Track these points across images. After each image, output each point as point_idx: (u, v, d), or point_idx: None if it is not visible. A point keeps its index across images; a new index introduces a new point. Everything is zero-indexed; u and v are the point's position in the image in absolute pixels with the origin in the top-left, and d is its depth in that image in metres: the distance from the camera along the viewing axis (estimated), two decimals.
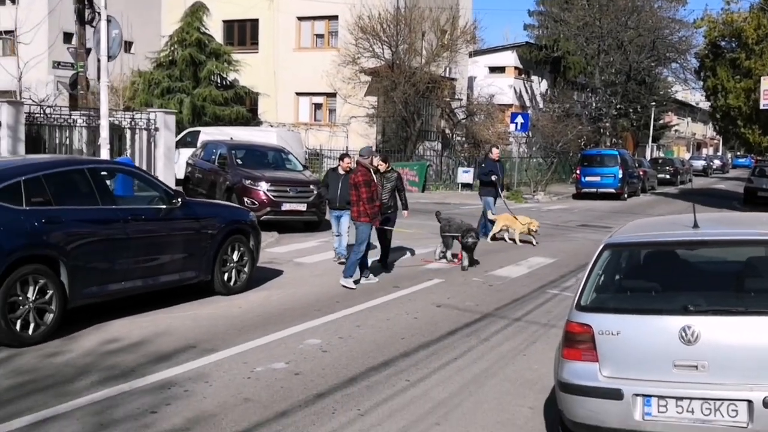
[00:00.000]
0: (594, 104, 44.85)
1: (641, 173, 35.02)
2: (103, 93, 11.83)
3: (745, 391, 4.42)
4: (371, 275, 11.41)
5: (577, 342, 4.86)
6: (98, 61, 15.05)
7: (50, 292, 7.58)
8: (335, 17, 34.13)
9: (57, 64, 20.01)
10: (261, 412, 5.89)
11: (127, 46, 34.19)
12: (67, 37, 32.66)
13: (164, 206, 9.12)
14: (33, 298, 7.44)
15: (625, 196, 30.80)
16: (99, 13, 20.92)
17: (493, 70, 48.14)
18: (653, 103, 48.31)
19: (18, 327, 7.31)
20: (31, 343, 7.38)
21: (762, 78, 22.36)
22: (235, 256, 10.12)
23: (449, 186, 33.09)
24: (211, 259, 9.68)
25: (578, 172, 31.45)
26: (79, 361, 6.98)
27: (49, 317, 7.60)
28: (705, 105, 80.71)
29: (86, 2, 21.01)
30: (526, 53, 46.81)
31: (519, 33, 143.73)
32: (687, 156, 69.99)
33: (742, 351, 4.49)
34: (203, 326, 8.42)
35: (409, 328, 8.74)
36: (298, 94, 35.53)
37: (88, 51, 21.89)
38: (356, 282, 10.95)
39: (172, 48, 31.42)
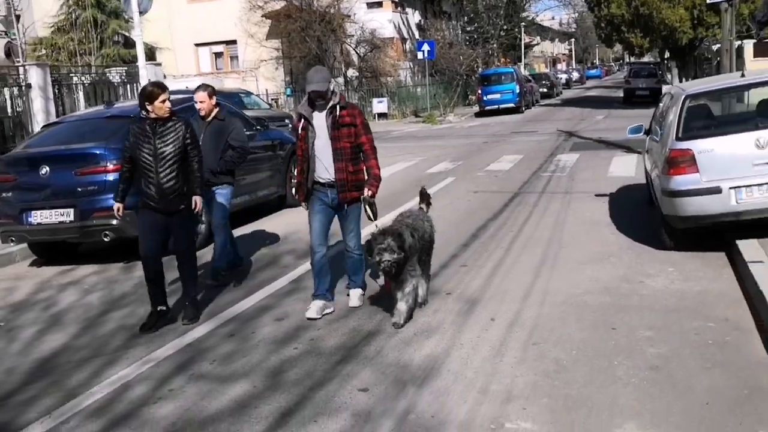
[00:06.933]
0: (476, 29, 47.72)
1: (530, 88, 38.28)
2: (139, 45, 12.82)
3: None
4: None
5: (681, 162, 7.11)
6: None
7: None
8: None
9: None
10: None
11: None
12: None
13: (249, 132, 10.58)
14: None
15: (523, 109, 33.86)
16: None
17: (371, 5, 49.81)
18: (523, 24, 52.05)
19: None
20: None
21: None
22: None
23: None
24: (284, 175, 11.29)
25: (480, 91, 34.11)
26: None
27: (202, 227, 9.10)
28: (554, 24, 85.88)
29: None
30: None
31: None
32: (548, 71, 74.86)
33: None
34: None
35: (471, 207, 10.79)
36: (197, 45, 36.01)
37: (18, 18, 22.05)
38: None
39: (70, 10, 31.13)
